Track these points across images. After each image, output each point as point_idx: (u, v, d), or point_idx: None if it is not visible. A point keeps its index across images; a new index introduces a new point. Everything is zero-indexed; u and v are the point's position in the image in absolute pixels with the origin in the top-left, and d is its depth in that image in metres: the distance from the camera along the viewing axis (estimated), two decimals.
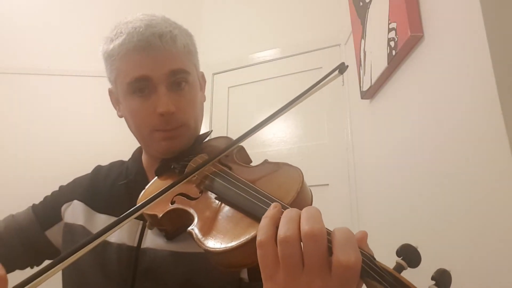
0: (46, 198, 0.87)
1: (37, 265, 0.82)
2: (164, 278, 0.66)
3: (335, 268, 0.37)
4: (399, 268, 0.38)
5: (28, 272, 0.46)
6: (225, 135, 0.86)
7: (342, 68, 0.58)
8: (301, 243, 0.39)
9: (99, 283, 0.69)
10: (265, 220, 0.42)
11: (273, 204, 0.45)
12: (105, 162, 0.93)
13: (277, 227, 0.41)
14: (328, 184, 1.91)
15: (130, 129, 0.77)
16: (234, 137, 0.91)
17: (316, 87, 0.58)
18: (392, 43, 1.18)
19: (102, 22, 2.61)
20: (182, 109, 0.71)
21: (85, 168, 0.95)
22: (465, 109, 0.85)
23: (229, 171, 0.62)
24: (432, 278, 0.37)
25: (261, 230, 0.41)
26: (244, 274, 0.66)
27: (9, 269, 0.78)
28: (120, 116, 0.80)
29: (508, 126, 0.70)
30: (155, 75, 0.69)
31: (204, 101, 0.84)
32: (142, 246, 0.69)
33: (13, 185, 2.12)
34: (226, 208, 0.54)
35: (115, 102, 0.81)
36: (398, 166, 1.27)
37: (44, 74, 2.34)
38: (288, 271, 0.39)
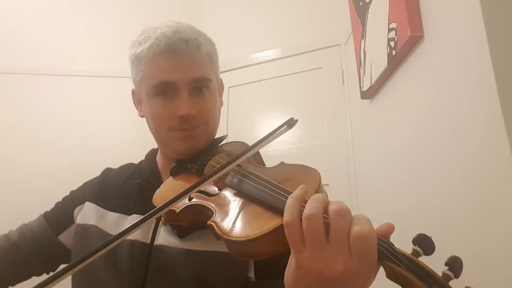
0: (57, 204, 0.89)
1: (53, 271, 0.83)
2: (175, 275, 0.67)
3: (352, 241, 0.39)
4: (415, 253, 0.40)
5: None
6: (225, 135, 0.87)
7: (290, 123, 0.61)
8: (327, 222, 0.41)
9: (110, 279, 0.70)
10: (291, 199, 0.44)
11: (301, 186, 0.47)
12: (108, 165, 0.94)
13: (303, 207, 0.43)
14: (328, 184, 1.91)
15: (150, 129, 0.80)
16: (235, 137, 0.92)
17: (264, 141, 0.60)
18: (392, 43, 1.18)
19: (104, 22, 2.63)
20: (202, 112, 0.75)
21: (89, 171, 0.95)
22: (465, 109, 0.85)
23: (249, 169, 0.64)
24: (446, 264, 0.39)
25: (289, 210, 0.43)
26: (251, 273, 0.67)
27: (26, 276, 0.80)
28: (141, 116, 0.83)
29: (508, 126, 0.70)
30: (179, 81, 0.72)
31: (222, 106, 0.87)
32: (155, 243, 0.70)
33: (13, 190, 2.12)
34: (246, 203, 0.56)
35: (137, 103, 0.84)
36: (398, 166, 1.27)
37: (44, 74, 2.33)
38: (312, 246, 0.41)
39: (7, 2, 2.40)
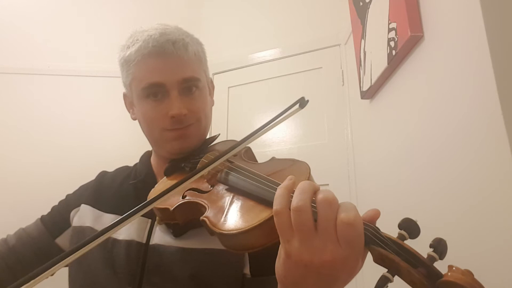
0: (53, 208, 0.90)
1: (51, 274, 0.84)
2: (171, 273, 0.67)
3: (339, 228, 0.40)
4: (401, 237, 0.41)
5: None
6: (225, 135, 0.87)
7: (302, 103, 0.63)
8: (315, 210, 0.42)
9: (107, 279, 0.70)
10: (280, 190, 0.45)
11: (289, 177, 0.48)
12: (107, 166, 0.94)
13: (291, 197, 0.44)
14: (328, 184, 1.91)
15: (143, 131, 0.81)
16: (235, 136, 0.92)
17: (277, 120, 0.63)
18: (392, 43, 1.18)
19: (104, 22, 2.63)
20: (193, 110, 0.76)
21: (89, 171, 0.95)
22: (465, 109, 0.85)
23: (240, 164, 0.65)
24: (430, 246, 0.40)
25: (277, 199, 0.44)
26: (247, 270, 0.68)
27: None
28: (134, 119, 0.83)
29: (508, 126, 0.70)
30: (168, 82, 0.73)
31: (213, 105, 0.88)
32: (151, 243, 0.71)
33: (13, 190, 2.11)
34: (238, 198, 0.57)
35: (129, 106, 0.84)
36: (398, 166, 1.27)
37: (44, 74, 2.33)
38: (301, 236, 0.42)
39: (7, 2, 2.40)
